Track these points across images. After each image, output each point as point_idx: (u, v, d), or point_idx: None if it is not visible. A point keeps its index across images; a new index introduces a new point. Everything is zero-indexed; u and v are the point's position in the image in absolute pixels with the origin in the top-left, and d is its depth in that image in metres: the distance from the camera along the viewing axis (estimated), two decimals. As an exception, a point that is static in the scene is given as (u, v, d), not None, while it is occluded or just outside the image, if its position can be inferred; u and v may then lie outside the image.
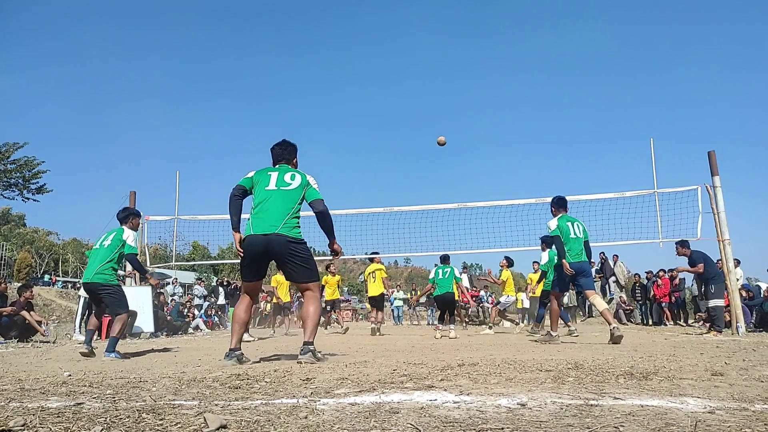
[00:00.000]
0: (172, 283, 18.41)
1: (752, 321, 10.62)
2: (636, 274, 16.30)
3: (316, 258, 5.20)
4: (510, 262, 11.67)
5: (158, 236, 28.02)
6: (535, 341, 6.73)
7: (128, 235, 5.66)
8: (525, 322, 18.50)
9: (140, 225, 11.50)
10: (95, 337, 5.57)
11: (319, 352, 4.13)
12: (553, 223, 6.58)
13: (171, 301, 14.87)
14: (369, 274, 10.93)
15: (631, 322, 15.03)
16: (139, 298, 10.57)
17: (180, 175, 12.29)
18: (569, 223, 6.56)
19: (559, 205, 6.81)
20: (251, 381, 2.88)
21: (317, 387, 2.64)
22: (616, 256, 17.10)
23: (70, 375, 3.34)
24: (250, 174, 4.19)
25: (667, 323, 13.86)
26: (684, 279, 14.26)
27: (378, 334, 10.01)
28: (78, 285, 18.90)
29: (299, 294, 12.98)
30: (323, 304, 11.62)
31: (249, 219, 4.07)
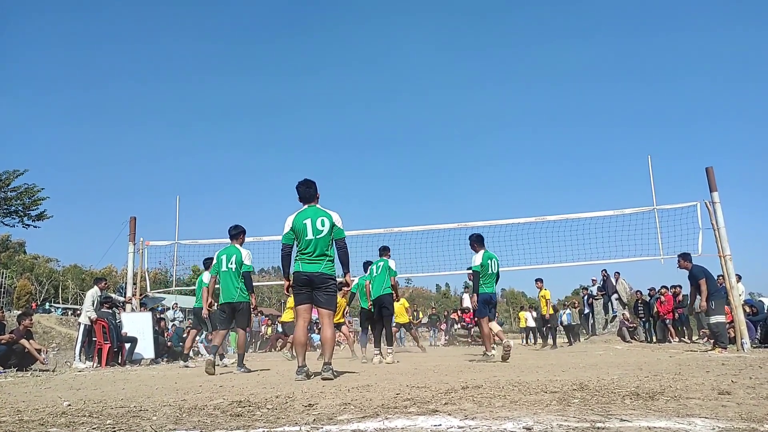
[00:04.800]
0: (173, 308, 18.32)
1: (757, 336, 10.54)
2: (638, 291, 16.24)
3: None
4: None
5: (158, 261, 28.03)
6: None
7: (245, 254, 6.68)
8: (527, 340, 18.39)
9: (142, 250, 11.56)
10: (94, 364, 5.56)
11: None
12: (478, 259, 7.33)
13: (171, 327, 14.78)
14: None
15: (635, 339, 14.93)
16: (139, 323, 10.51)
17: (180, 200, 12.33)
18: (490, 260, 7.38)
19: (479, 242, 7.53)
20: (253, 408, 2.85)
21: (320, 413, 2.61)
22: (618, 273, 17.06)
23: (69, 405, 3.30)
24: (288, 226, 5.06)
25: (672, 340, 13.75)
26: (687, 295, 14.19)
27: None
28: (78, 312, 18.78)
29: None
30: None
31: (297, 260, 5.01)
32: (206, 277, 8.16)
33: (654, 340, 14.39)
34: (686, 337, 14.04)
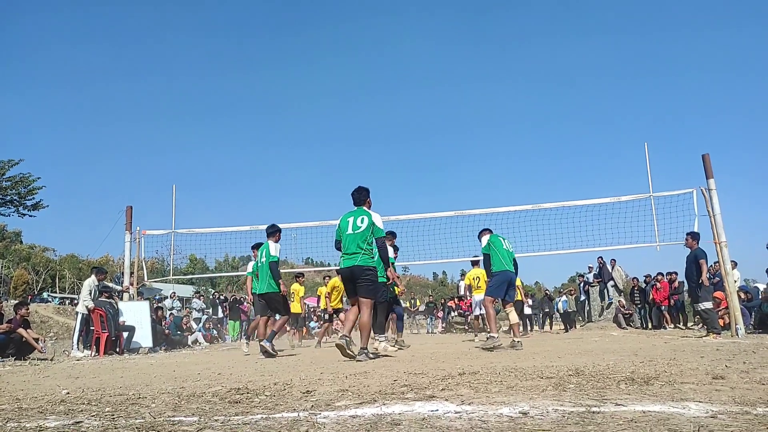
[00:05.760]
0: (171, 297, 18.33)
1: (751, 322, 10.62)
2: (634, 278, 16.32)
3: (315, 268, 7.46)
4: None
5: (155, 250, 27.99)
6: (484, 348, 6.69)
7: (272, 247, 7.44)
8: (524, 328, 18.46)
9: (139, 239, 11.54)
10: (92, 352, 5.57)
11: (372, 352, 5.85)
12: (485, 239, 7.14)
13: (169, 315, 14.81)
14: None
15: (631, 326, 15.03)
16: (137, 312, 10.53)
17: (177, 191, 12.29)
18: (500, 238, 7.13)
19: (487, 230, 7.44)
20: (251, 395, 2.87)
21: (318, 399, 2.62)
22: (614, 260, 17.14)
23: (68, 393, 3.31)
24: (338, 222, 5.83)
25: (667, 326, 13.86)
26: (683, 282, 14.27)
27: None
28: (75, 301, 18.78)
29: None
30: (325, 315, 11.42)
31: (341, 257, 5.68)
32: (249, 267, 9.02)
33: (650, 326, 14.49)
34: (681, 324, 14.15)
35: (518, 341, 6.77)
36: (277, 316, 7.53)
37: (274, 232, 7.70)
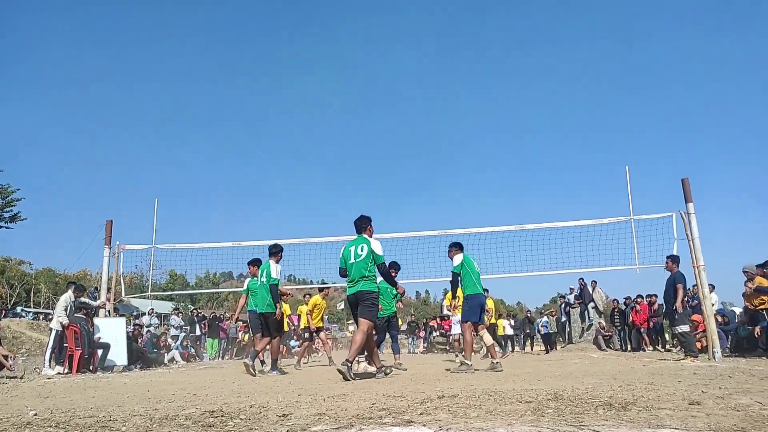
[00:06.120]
0: (149, 314, 18.01)
1: (728, 346, 10.74)
2: (614, 299, 16.46)
3: (297, 286, 7.11)
4: None
5: (134, 265, 27.58)
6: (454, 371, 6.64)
7: (274, 270, 7.43)
8: (508, 349, 18.45)
9: (118, 254, 11.35)
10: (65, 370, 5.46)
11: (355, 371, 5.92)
12: (458, 259, 6.97)
13: (146, 332, 14.52)
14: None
15: (610, 347, 15.12)
16: (112, 329, 10.30)
17: (159, 205, 12.15)
18: (471, 259, 7.14)
19: (459, 247, 7.20)
20: (226, 418, 2.81)
21: (294, 424, 2.58)
22: (595, 282, 17.29)
23: (36, 414, 3.21)
24: (342, 253, 6.14)
25: (646, 349, 13.95)
26: (662, 304, 14.41)
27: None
28: (50, 316, 18.33)
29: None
30: (305, 334, 11.19)
31: (347, 286, 6.02)
32: (245, 284, 9.09)
33: (629, 348, 14.58)
34: (660, 346, 14.26)
35: (497, 362, 6.71)
36: (259, 337, 7.71)
37: (276, 252, 7.67)
